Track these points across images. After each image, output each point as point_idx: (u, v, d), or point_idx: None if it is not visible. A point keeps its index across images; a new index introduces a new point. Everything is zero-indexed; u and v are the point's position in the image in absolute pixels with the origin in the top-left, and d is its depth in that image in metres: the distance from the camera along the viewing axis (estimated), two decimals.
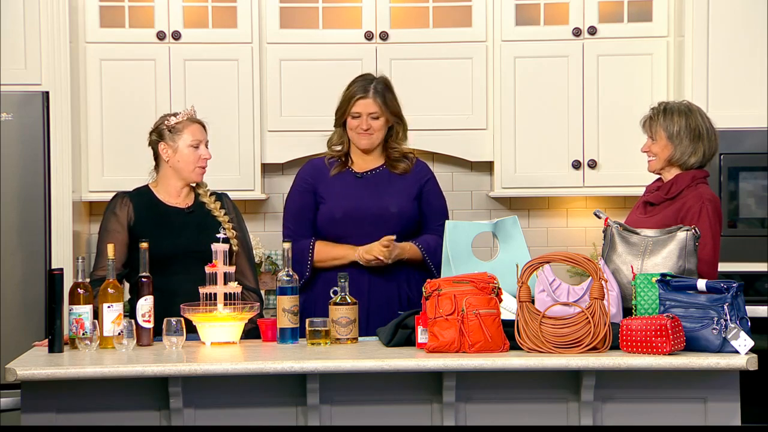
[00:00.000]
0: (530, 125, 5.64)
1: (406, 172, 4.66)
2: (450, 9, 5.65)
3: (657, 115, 4.33)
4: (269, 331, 4.12)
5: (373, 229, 4.51)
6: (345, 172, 4.63)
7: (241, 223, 4.49)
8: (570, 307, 3.85)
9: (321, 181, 4.61)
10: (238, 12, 5.60)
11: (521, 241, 4.41)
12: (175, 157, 4.34)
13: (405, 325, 3.99)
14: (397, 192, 4.61)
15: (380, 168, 4.65)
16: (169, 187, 4.39)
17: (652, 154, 4.34)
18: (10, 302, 5.23)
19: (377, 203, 4.56)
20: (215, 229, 4.26)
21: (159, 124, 4.40)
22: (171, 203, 4.38)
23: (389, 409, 3.82)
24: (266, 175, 5.81)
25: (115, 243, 4.19)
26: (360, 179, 4.62)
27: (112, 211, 4.35)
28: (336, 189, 4.59)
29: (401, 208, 4.59)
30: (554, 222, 5.94)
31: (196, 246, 4.27)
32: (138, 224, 4.31)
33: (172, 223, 4.33)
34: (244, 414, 3.80)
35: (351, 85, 4.62)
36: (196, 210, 4.40)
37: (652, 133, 4.33)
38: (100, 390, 3.75)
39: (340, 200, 4.56)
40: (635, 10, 5.62)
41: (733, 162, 5.36)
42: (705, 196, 4.24)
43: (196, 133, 4.37)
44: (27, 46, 5.31)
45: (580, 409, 3.81)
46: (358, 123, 4.57)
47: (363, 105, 4.56)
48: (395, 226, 4.55)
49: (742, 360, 3.70)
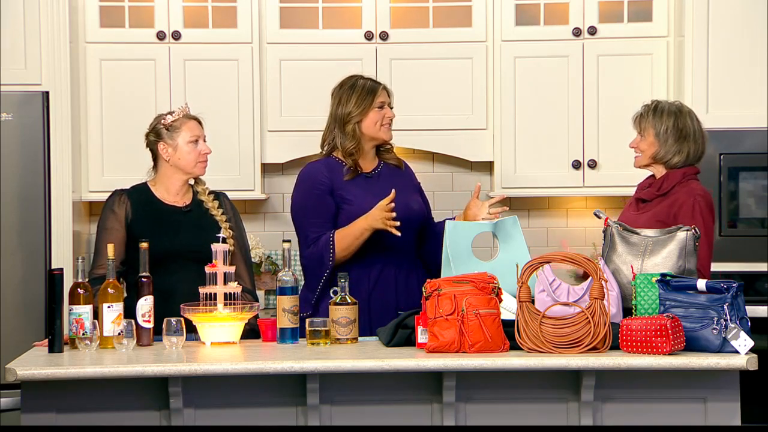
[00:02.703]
0: (530, 125, 5.64)
1: (399, 164, 4.68)
2: (450, 9, 5.65)
3: (648, 113, 4.41)
4: (269, 331, 4.12)
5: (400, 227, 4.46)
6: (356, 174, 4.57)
7: (239, 223, 4.49)
8: (570, 307, 3.85)
9: (335, 180, 4.53)
10: (238, 12, 5.60)
11: (521, 241, 4.42)
12: (176, 155, 4.35)
13: (405, 325, 4.00)
14: (408, 190, 4.63)
15: (380, 166, 4.64)
16: (169, 186, 4.39)
17: (638, 150, 4.43)
18: (10, 302, 5.22)
19: (399, 201, 4.47)
20: (213, 228, 4.26)
21: (155, 124, 4.40)
22: (169, 202, 4.39)
23: (389, 409, 3.82)
24: (266, 175, 5.81)
25: (114, 241, 4.19)
26: (371, 179, 4.59)
27: (110, 208, 4.35)
28: (356, 190, 4.52)
29: (420, 205, 4.64)
30: (554, 222, 5.94)
31: (193, 246, 4.27)
32: (135, 222, 4.31)
33: (170, 221, 4.33)
34: (244, 414, 3.80)
35: (356, 83, 4.58)
36: (194, 209, 4.40)
37: (641, 129, 4.41)
38: (100, 390, 3.75)
39: (367, 200, 4.46)
40: (635, 10, 5.61)
41: (733, 162, 5.36)
42: (697, 191, 4.30)
43: (193, 129, 4.38)
44: (27, 46, 5.30)
45: (580, 409, 3.81)
46: (383, 113, 4.55)
47: (385, 95, 4.59)
48: (416, 223, 4.59)
49: (742, 360, 3.70)
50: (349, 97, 4.56)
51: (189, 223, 4.36)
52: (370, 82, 4.61)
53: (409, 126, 5.58)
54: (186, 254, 4.27)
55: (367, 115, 4.55)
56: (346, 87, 4.60)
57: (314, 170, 4.57)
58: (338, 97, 4.59)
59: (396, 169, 4.67)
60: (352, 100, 4.55)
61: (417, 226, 4.61)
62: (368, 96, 4.55)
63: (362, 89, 4.56)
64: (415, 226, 4.59)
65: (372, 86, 4.58)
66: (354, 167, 4.56)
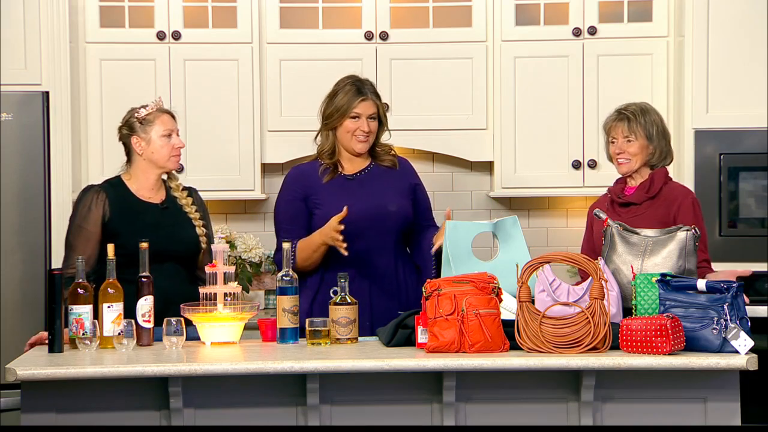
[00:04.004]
0: (530, 125, 5.64)
1: (394, 165, 4.63)
2: (450, 9, 5.65)
3: (636, 115, 4.35)
4: (269, 331, 4.12)
5: (373, 230, 4.49)
6: (336, 176, 4.56)
7: (208, 219, 4.49)
8: (570, 307, 3.85)
9: (311, 186, 4.53)
10: (238, 12, 5.60)
11: (521, 241, 4.41)
12: (149, 149, 4.34)
13: (405, 325, 3.99)
14: (392, 190, 4.58)
15: (369, 167, 4.61)
16: (143, 180, 4.37)
17: (628, 156, 4.36)
18: (10, 302, 5.23)
19: (375, 203, 4.51)
20: (188, 225, 4.31)
21: (128, 117, 4.39)
22: (145, 197, 4.36)
23: (389, 409, 3.82)
24: (266, 175, 5.81)
25: (91, 241, 4.19)
26: (352, 181, 4.57)
27: (86, 206, 4.30)
28: (330, 193, 4.52)
29: (399, 206, 4.57)
30: (554, 222, 5.94)
31: (172, 243, 4.26)
32: (113, 220, 4.27)
33: (148, 219, 4.31)
34: (244, 414, 3.80)
35: (343, 87, 4.53)
36: (170, 206, 4.39)
37: (629, 133, 4.34)
38: (100, 390, 3.75)
39: (337, 204, 4.44)
40: (635, 10, 5.61)
41: (733, 162, 5.36)
42: (689, 191, 4.36)
43: (167, 123, 4.37)
44: (27, 46, 5.31)
45: (580, 409, 3.81)
46: (358, 125, 4.51)
47: (364, 106, 4.51)
48: (395, 225, 4.54)
49: (742, 360, 3.70)
50: (333, 100, 4.53)
51: (166, 221, 4.34)
52: (355, 88, 4.52)
53: (409, 126, 5.58)
54: (164, 251, 4.23)
55: (342, 123, 4.52)
56: (338, 87, 4.56)
57: (292, 175, 4.60)
58: (328, 96, 4.57)
59: (388, 170, 4.62)
60: (333, 103, 4.52)
61: (397, 228, 4.54)
62: (346, 104, 4.50)
63: (345, 94, 4.51)
64: (393, 229, 4.54)
65: (353, 95, 4.50)
66: (333, 168, 4.55)
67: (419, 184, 4.70)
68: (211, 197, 5.63)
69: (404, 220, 4.57)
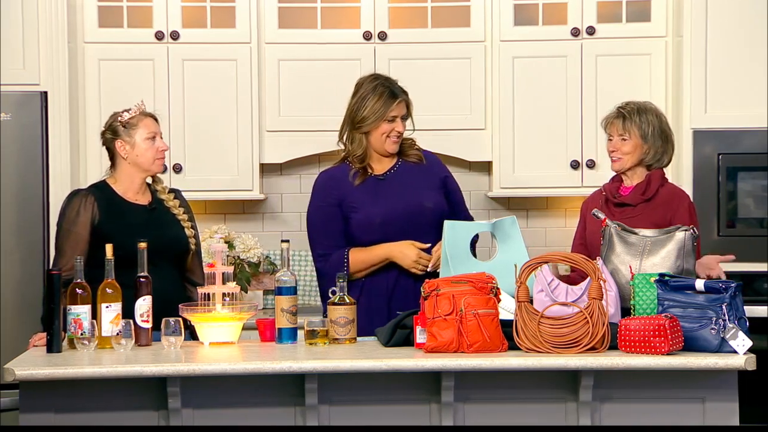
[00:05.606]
0: (529, 125, 5.64)
1: (421, 160, 4.60)
2: (448, 9, 5.65)
3: (632, 114, 4.37)
4: (267, 331, 4.12)
5: (411, 227, 4.44)
6: (367, 177, 4.52)
7: (194, 220, 4.49)
8: (568, 307, 3.85)
9: (344, 191, 4.49)
10: (237, 12, 5.60)
11: (520, 241, 4.41)
12: (134, 152, 4.33)
13: (404, 325, 3.99)
14: (425, 187, 4.55)
15: (397, 165, 4.58)
16: (128, 184, 4.35)
17: (620, 153, 4.37)
18: (9, 302, 5.22)
19: (411, 200, 4.48)
20: (176, 226, 4.31)
21: (111, 121, 4.38)
22: (131, 200, 4.36)
23: (388, 409, 3.82)
24: (265, 175, 5.81)
25: (80, 244, 4.19)
26: (383, 181, 4.53)
27: (75, 210, 4.28)
28: (364, 195, 4.48)
29: (435, 201, 4.54)
30: (553, 222, 5.94)
31: (162, 243, 4.24)
32: (103, 223, 4.25)
33: (138, 220, 4.29)
34: (243, 414, 3.80)
35: (374, 90, 4.47)
36: (157, 207, 4.39)
37: (623, 131, 4.35)
38: (98, 390, 3.75)
39: (374, 205, 4.44)
40: (633, 10, 5.62)
41: (732, 162, 5.36)
42: (685, 194, 4.38)
43: (150, 126, 4.36)
44: (25, 46, 5.30)
45: (578, 409, 3.82)
46: (393, 126, 4.48)
47: (400, 108, 4.49)
48: (432, 221, 4.48)
49: (741, 360, 3.70)
50: (364, 103, 4.47)
51: (155, 222, 4.34)
52: (388, 91, 4.48)
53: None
54: (157, 252, 4.22)
55: (379, 126, 4.49)
56: (365, 89, 4.49)
57: (323, 181, 4.55)
58: (359, 97, 4.49)
59: (416, 165, 4.59)
60: (368, 106, 4.46)
61: (435, 224, 4.47)
62: (383, 108, 4.46)
63: (379, 97, 4.46)
64: (432, 225, 4.48)
65: (388, 98, 4.47)
66: (363, 170, 4.52)
67: (449, 176, 4.66)
68: (210, 197, 5.65)
69: (441, 216, 4.51)
